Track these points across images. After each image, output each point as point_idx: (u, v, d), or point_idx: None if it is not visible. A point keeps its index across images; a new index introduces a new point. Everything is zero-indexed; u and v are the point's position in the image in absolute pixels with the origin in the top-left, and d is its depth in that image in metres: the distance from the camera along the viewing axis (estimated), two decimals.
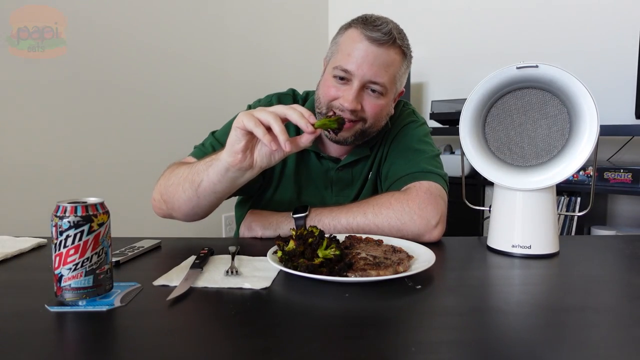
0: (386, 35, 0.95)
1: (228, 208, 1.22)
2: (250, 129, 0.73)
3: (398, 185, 0.99)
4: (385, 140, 1.11)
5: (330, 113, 0.97)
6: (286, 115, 0.75)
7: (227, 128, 1.07)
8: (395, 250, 0.77)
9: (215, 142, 1.05)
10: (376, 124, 1.02)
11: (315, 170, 1.09)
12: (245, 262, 0.76)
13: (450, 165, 2.16)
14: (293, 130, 1.05)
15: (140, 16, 2.16)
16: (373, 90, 0.97)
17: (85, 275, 0.57)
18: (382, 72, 0.96)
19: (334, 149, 1.10)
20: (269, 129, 0.74)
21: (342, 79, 0.97)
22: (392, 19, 1.01)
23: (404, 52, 1.01)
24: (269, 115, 0.73)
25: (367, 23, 0.96)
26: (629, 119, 2.12)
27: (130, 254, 0.80)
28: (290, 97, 1.15)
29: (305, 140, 0.78)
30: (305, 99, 1.16)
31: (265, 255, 0.74)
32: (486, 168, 0.86)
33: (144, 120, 2.19)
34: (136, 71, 2.14)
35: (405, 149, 1.07)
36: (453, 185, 1.19)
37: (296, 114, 0.74)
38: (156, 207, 0.98)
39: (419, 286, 0.65)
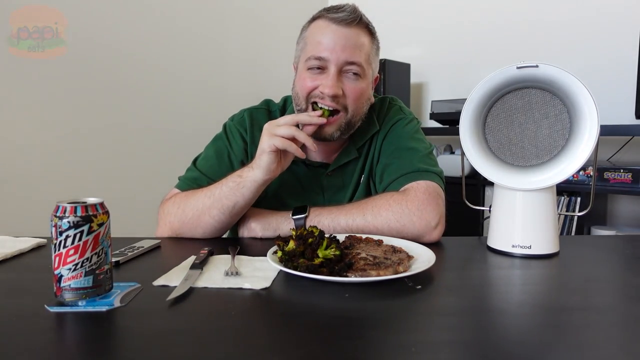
0: (352, 13, 0.96)
1: None
2: (284, 148, 0.88)
3: (395, 187, 0.98)
4: (374, 140, 1.09)
5: (311, 106, 0.99)
6: (298, 120, 0.91)
7: (208, 154, 1.08)
8: (395, 250, 0.77)
9: (198, 174, 1.04)
10: (358, 111, 1.01)
11: (304, 178, 1.08)
12: (245, 262, 0.76)
13: (450, 165, 2.17)
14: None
15: (141, 17, 2.16)
16: (353, 73, 0.97)
17: (85, 276, 0.57)
18: (356, 51, 0.96)
19: (320, 154, 1.09)
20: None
21: (318, 68, 0.97)
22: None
23: (371, 32, 1.01)
24: (290, 129, 0.88)
25: (329, 10, 0.98)
26: (629, 119, 2.12)
27: (130, 254, 0.80)
28: (264, 110, 1.12)
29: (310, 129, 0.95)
30: (283, 107, 1.14)
31: (265, 256, 0.74)
32: (486, 168, 0.86)
33: (144, 120, 2.19)
34: (136, 71, 2.15)
35: (397, 148, 1.05)
36: (453, 185, 1.19)
37: (304, 116, 0.93)
38: (165, 235, 0.99)
39: (419, 286, 0.65)
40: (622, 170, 1.97)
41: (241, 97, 2.52)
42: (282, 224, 0.95)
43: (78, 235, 0.56)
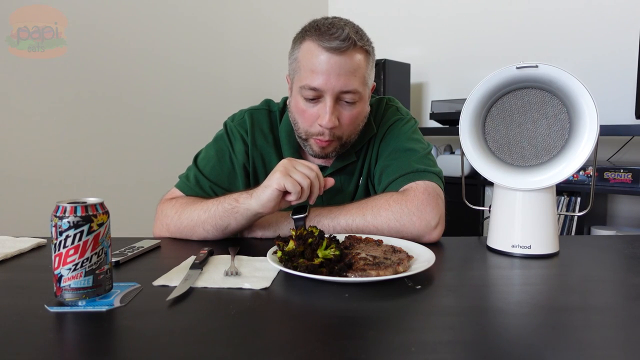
0: (345, 41, 0.91)
1: None
2: (290, 190, 0.83)
3: (393, 188, 0.98)
4: (372, 143, 1.09)
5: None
6: (311, 181, 0.85)
7: (209, 154, 1.07)
8: (395, 250, 0.77)
9: (199, 175, 1.04)
10: (352, 132, 1.02)
11: None
12: (245, 263, 0.76)
13: (450, 165, 2.18)
14: (287, 149, 1.07)
15: (141, 17, 2.16)
16: (347, 102, 0.96)
17: (85, 276, 0.57)
18: (351, 79, 0.93)
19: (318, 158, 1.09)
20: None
21: (312, 99, 0.95)
22: (345, 19, 0.97)
23: (367, 51, 0.96)
24: (305, 182, 0.84)
25: (322, 33, 0.92)
26: (629, 119, 2.12)
27: (130, 254, 0.80)
28: (265, 111, 1.11)
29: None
30: (283, 109, 1.12)
31: (265, 256, 0.74)
32: (486, 168, 0.86)
33: (144, 120, 2.19)
34: (136, 71, 2.15)
35: (395, 149, 1.04)
36: (453, 185, 1.19)
37: (317, 185, 0.86)
38: (161, 235, 0.99)
39: (419, 286, 0.65)
40: (622, 170, 1.97)
41: (241, 97, 2.53)
42: (282, 224, 0.95)
43: (78, 235, 0.56)
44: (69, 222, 0.56)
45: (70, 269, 0.56)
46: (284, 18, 2.88)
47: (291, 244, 0.71)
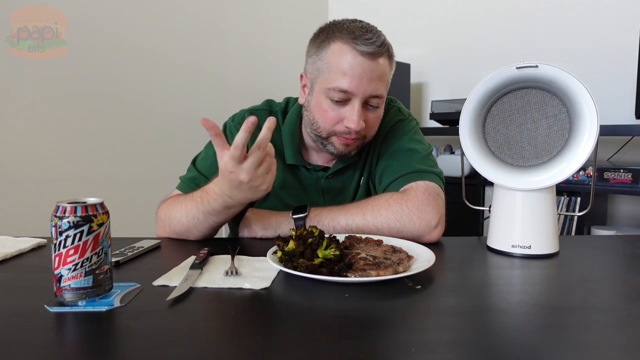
0: (381, 47, 0.92)
1: None
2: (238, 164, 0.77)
3: (394, 187, 0.98)
4: (374, 143, 1.09)
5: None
6: (262, 143, 0.77)
7: (208, 154, 1.07)
8: (395, 250, 0.77)
9: (197, 174, 1.04)
10: (374, 131, 1.03)
11: (305, 180, 1.08)
12: (245, 262, 0.76)
13: (450, 165, 2.18)
14: (289, 151, 1.06)
15: (141, 17, 2.16)
16: (372, 105, 0.97)
17: (85, 276, 0.57)
18: (380, 84, 0.94)
19: (319, 159, 1.09)
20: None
21: (339, 101, 0.95)
22: (374, 25, 0.97)
23: (392, 57, 0.98)
24: (258, 165, 0.77)
25: (356, 36, 0.91)
26: (629, 119, 2.12)
27: (130, 254, 0.80)
28: (266, 111, 1.11)
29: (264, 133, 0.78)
30: (285, 109, 1.12)
31: (265, 256, 0.74)
32: (486, 168, 0.86)
33: (144, 120, 2.19)
34: (136, 71, 2.15)
35: (397, 149, 1.05)
36: (453, 185, 1.18)
37: (265, 136, 0.77)
38: (164, 236, 1.00)
39: (419, 286, 0.65)
40: (622, 170, 1.97)
41: (242, 96, 2.53)
42: (282, 223, 0.95)
43: (78, 235, 0.56)
44: (69, 222, 0.56)
45: (70, 269, 0.56)
46: (285, 17, 2.87)
47: (291, 244, 0.71)
